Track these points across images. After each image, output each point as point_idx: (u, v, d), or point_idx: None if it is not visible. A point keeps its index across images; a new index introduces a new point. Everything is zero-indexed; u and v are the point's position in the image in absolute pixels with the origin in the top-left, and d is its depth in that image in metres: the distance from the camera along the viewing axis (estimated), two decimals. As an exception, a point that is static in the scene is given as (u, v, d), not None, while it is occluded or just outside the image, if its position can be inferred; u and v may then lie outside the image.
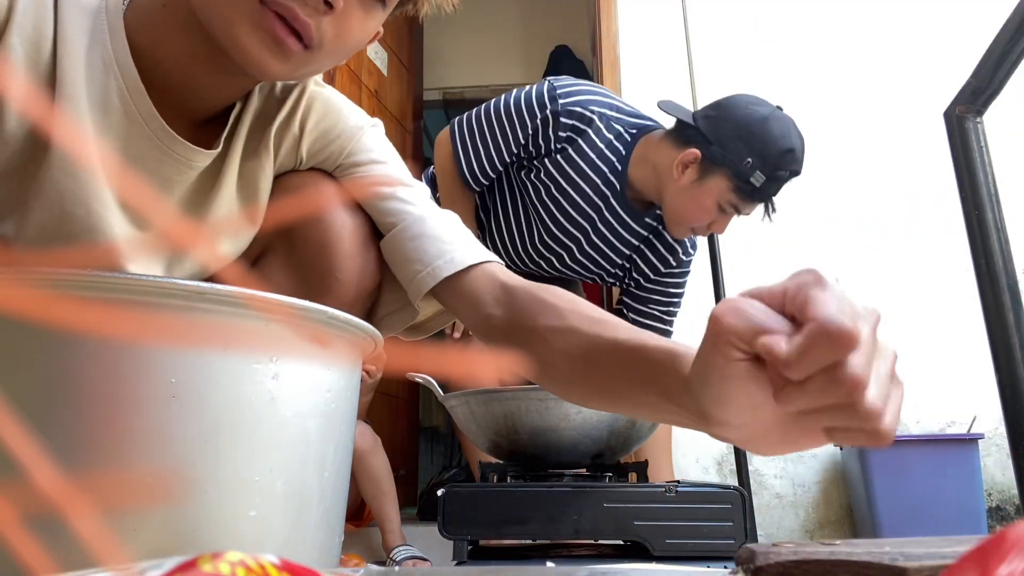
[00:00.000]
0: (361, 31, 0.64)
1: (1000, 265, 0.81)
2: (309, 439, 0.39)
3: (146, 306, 0.34)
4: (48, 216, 0.63)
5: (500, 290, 0.70)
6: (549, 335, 0.63)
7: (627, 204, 1.58)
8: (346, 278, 0.74)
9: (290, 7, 0.57)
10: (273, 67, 0.60)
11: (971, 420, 2.14)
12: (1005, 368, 0.78)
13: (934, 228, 2.36)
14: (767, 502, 2.18)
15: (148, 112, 0.64)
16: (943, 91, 1.01)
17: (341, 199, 0.75)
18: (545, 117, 1.50)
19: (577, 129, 1.51)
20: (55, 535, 0.30)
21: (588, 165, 1.54)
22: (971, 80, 0.85)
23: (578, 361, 0.61)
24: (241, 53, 0.59)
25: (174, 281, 0.35)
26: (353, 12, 0.62)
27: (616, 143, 1.54)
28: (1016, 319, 0.79)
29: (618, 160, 1.54)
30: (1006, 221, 0.83)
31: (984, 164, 0.84)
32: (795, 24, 2.55)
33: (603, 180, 1.56)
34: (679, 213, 1.50)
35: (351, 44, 0.64)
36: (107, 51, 0.62)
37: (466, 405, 1.03)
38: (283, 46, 0.59)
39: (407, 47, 3.28)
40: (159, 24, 0.63)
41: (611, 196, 1.56)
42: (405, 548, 1.80)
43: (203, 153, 0.68)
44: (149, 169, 0.66)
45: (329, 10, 0.59)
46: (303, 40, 0.59)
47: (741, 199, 1.46)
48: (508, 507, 0.91)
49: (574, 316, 0.63)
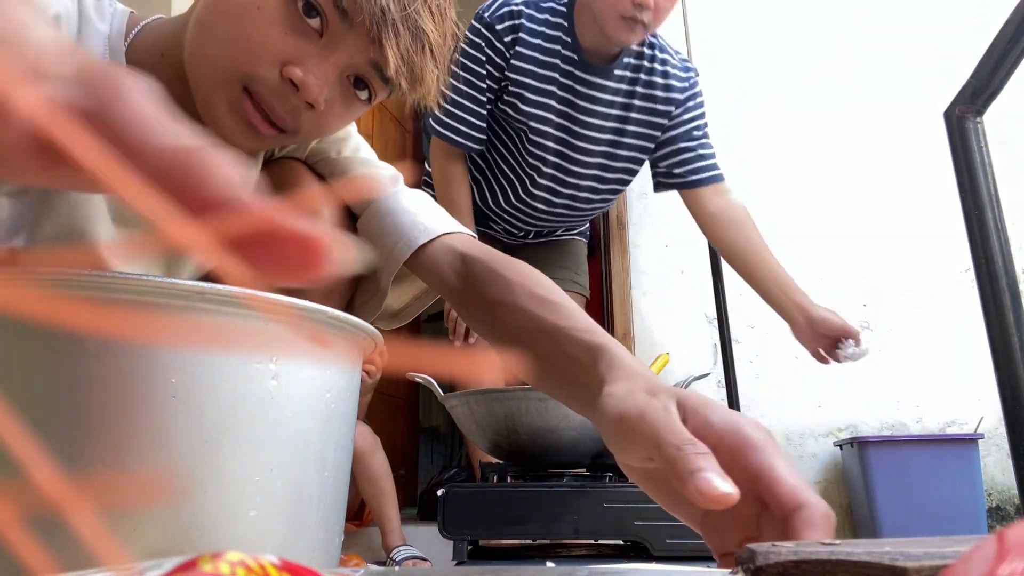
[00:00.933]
0: (340, 122, 0.65)
1: (1000, 265, 0.81)
2: (309, 439, 0.39)
3: (146, 306, 0.34)
4: (58, 231, 0.64)
5: (459, 261, 0.70)
6: (498, 309, 0.63)
7: (592, 68, 1.54)
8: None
9: (270, 103, 0.59)
10: (244, 146, 0.62)
11: (978, 420, 2.15)
12: (1005, 368, 0.78)
13: (934, 228, 2.36)
14: (767, 502, 2.18)
15: None
16: (943, 91, 1.01)
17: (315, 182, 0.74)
18: (487, 40, 1.53)
19: (513, 26, 1.53)
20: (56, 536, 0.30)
21: (539, 50, 1.54)
22: (971, 80, 0.85)
23: (522, 342, 0.60)
24: (216, 127, 0.61)
25: (174, 281, 0.35)
26: (334, 109, 0.63)
27: (553, 18, 1.55)
28: (1016, 319, 0.79)
29: (564, 32, 1.54)
30: (1006, 221, 0.83)
31: (984, 164, 0.84)
32: (795, 24, 2.55)
33: (561, 57, 1.54)
34: (599, 4, 1.44)
35: (328, 132, 0.67)
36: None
37: (466, 405, 1.03)
38: (256, 132, 0.60)
39: (407, 47, 3.27)
40: (156, 73, 0.65)
41: (574, 67, 1.54)
42: (405, 548, 1.80)
43: None
44: None
45: (310, 108, 0.60)
46: (278, 128, 0.61)
47: None
48: (508, 507, 0.91)
49: (522, 292, 0.62)
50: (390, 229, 0.73)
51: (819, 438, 2.22)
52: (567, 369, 0.55)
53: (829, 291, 2.35)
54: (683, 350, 2.25)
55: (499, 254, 0.70)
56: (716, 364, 2.23)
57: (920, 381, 2.25)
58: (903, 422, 2.22)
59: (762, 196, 2.42)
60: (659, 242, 2.43)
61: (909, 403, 2.24)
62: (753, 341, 2.31)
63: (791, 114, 2.49)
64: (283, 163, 0.78)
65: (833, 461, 2.20)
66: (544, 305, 0.60)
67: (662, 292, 1.85)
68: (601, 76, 1.55)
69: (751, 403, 2.23)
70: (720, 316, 1.83)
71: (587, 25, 1.51)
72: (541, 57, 1.53)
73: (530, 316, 0.60)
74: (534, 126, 1.57)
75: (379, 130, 2.88)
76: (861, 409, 2.24)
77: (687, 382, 1.09)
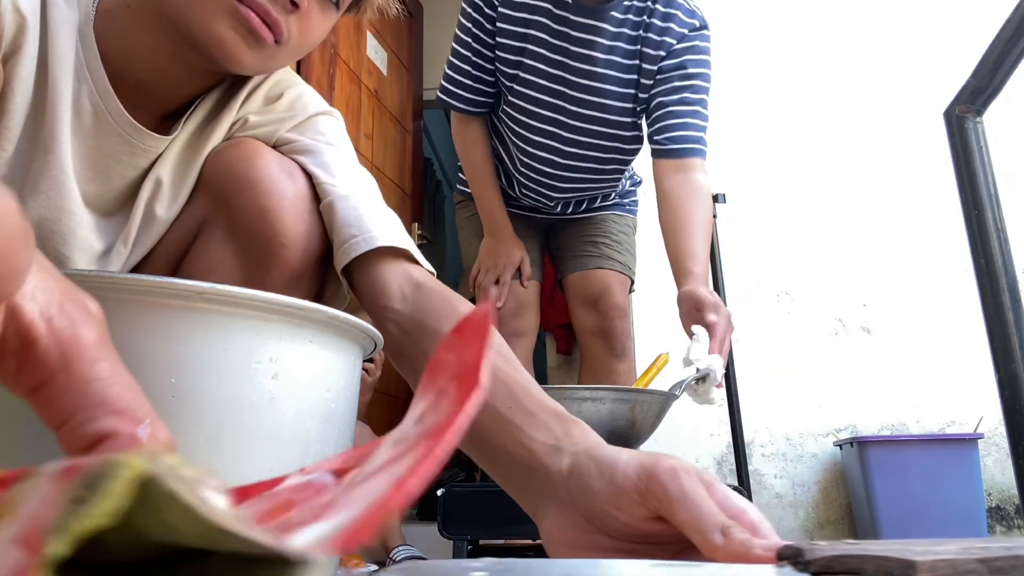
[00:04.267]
0: (319, 30, 0.71)
1: (1000, 265, 0.81)
2: (309, 439, 0.39)
3: (146, 306, 0.34)
4: (44, 212, 0.67)
5: (410, 285, 0.67)
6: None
7: (587, 10, 1.45)
8: (292, 243, 0.70)
9: (263, 5, 0.64)
10: (247, 58, 0.66)
11: (978, 420, 2.15)
12: (1005, 368, 0.78)
13: (934, 228, 2.36)
14: (767, 502, 2.18)
15: (115, 110, 0.68)
16: (943, 91, 1.01)
17: (279, 162, 0.72)
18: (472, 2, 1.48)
19: None
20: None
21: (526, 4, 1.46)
22: (971, 80, 0.85)
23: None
24: (218, 46, 0.64)
25: (174, 281, 0.35)
26: (313, 11, 0.69)
27: None
28: (1016, 319, 0.79)
29: None
30: (1006, 221, 0.83)
31: (984, 164, 0.84)
32: (795, 24, 2.55)
33: (553, 2, 1.45)
34: None
35: (310, 41, 0.71)
36: (80, 59, 0.67)
37: (466, 405, 1.03)
38: (258, 37, 0.65)
39: (407, 47, 3.27)
40: (126, 27, 0.68)
41: (567, 12, 1.45)
42: (405, 548, 1.80)
43: (161, 140, 0.72)
44: (123, 163, 0.71)
45: (295, 9, 0.66)
46: (275, 34, 0.66)
47: None
48: (508, 507, 0.91)
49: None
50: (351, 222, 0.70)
51: (819, 438, 2.22)
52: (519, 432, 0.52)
53: (829, 291, 2.35)
54: (683, 350, 2.25)
55: (448, 290, 0.67)
56: (716, 364, 2.23)
57: (920, 381, 2.25)
58: (903, 422, 2.22)
59: (762, 196, 2.42)
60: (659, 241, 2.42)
61: (909, 403, 2.24)
62: (753, 341, 2.31)
63: (791, 114, 2.49)
64: (242, 142, 0.74)
65: (833, 461, 2.20)
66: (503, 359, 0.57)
67: (662, 292, 1.85)
68: (598, 18, 1.45)
69: (751, 403, 2.23)
70: (720, 316, 1.83)
71: None
72: (530, 2, 1.46)
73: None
74: (525, 77, 1.50)
75: (379, 130, 2.88)
76: (861, 409, 2.24)
77: (687, 382, 1.09)
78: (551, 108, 1.52)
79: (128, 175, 0.72)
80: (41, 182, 0.66)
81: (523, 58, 1.49)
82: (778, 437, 2.24)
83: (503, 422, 0.52)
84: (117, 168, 0.71)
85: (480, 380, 0.20)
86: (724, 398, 1.80)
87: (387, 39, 3.05)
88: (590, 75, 1.49)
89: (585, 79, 1.49)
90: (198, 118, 0.75)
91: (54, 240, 0.68)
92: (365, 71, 2.79)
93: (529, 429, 0.52)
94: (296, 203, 0.71)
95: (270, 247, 0.70)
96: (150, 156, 0.72)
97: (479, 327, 0.22)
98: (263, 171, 0.70)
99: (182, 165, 0.75)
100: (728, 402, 1.77)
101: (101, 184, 0.71)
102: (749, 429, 2.19)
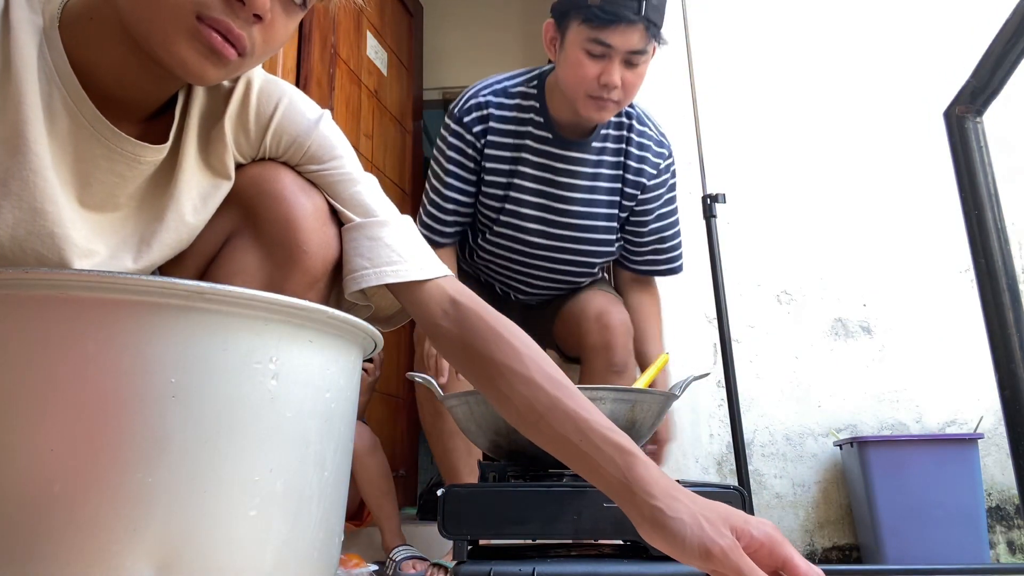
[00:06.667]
0: (284, 32, 0.71)
1: (1000, 265, 0.81)
2: (309, 439, 0.39)
3: (146, 306, 0.34)
4: (19, 215, 0.67)
5: (449, 304, 0.76)
6: (510, 375, 0.70)
7: (567, 143, 1.58)
8: (312, 250, 0.78)
9: (224, 21, 0.64)
10: (211, 74, 0.66)
11: (978, 420, 2.15)
12: (1005, 368, 0.78)
13: (934, 228, 2.36)
14: (767, 502, 2.18)
15: (93, 116, 0.69)
16: (943, 91, 1.01)
17: (299, 183, 0.81)
18: (458, 134, 1.58)
19: (481, 117, 1.57)
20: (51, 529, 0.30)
21: (511, 135, 1.58)
22: (971, 80, 0.85)
23: (536, 414, 0.68)
24: (180, 65, 0.65)
25: (174, 281, 0.35)
26: (278, 19, 0.69)
27: (524, 102, 1.58)
28: (1016, 319, 0.79)
29: (536, 113, 1.57)
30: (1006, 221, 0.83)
31: (984, 164, 0.84)
32: (796, 24, 2.55)
33: (533, 138, 1.57)
34: (567, 85, 1.48)
35: (276, 46, 0.71)
36: (48, 64, 0.67)
37: (466, 405, 1.03)
38: (221, 56, 0.65)
39: (407, 47, 3.27)
40: (90, 37, 0.68)
41: (550, 145, 1.58)
42: (405, 548, 1.80)
43: (151, 148, 0.73)
44: (103, 168, 0.71)
45: (259, 21, 0.66)
46: (237, 49, 0.66)
47: (596, 29, 1.41)
48: (508, 507, 0.91)
49: (535, 368, 0.70)
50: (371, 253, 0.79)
51: (819, 438, 2.22)
52: (592, 460, 0.64)
53: (829, 291, 2.35)
54: (683, 350, 2.25)
55: (486, 305, 0.76)
56: (716, 364, 2.23)
57: (920, 381, 2.25)
58: (903, 422, 2.22)
59: (762, 196, 2.42)
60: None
61: (909, 403, 2.24)
62: (753, 341, 2.31)
63: (791, 114, 2.49)
64: (265, 163, 0.82)
65: (833, 461, 2.20)
66: (560, 389, 0.68)
67: (661, 292, 1.85)
68: (579, 150, 1.59)
69: (751, 403, 2.23)
70: (720, 316, 1.83)
71: (559, 104, 1.56)
72: (514, 141, 1.58)
73: (548, 395, 0.68)
74: (512, 209, 1.61)
75: (379, 130, 2.88)
76: (861, 409, 2.24)
77: (687, 382, 1.09)
78: (537, 234, 1.63)
79: (111, 182, 0.73)
80: (11, 183, 0.66)
81: (510, 191, 1.60)
82: (778, 437, 2.24)
83: (580, 455, 0.65)
84: (98, 174, 0.71)
85: None
86: (724, 398, 1.80)
87: (387, 39, 3.04)
88: (575, 202, 1.61)
89: (571, 206, 1.61)
90: (193, 129, 0.77)
91: (32, 241, 0.68)
92: (365, 71, 2.79)
93: (600, 462, 0.64)
94: (316, 215, 0.80)
95: (294, 254, 0.78)
96: (131, 163, 0.73)
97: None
98: (286, 186, 0.79)
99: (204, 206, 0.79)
100: (728, 402, 1.77)
101: (81, 188, 0.71)
102: (749, 429, 2.19)
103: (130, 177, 0.73)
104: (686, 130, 2.07)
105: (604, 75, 1.42)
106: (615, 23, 1.39)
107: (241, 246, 0.81)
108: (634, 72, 1.45)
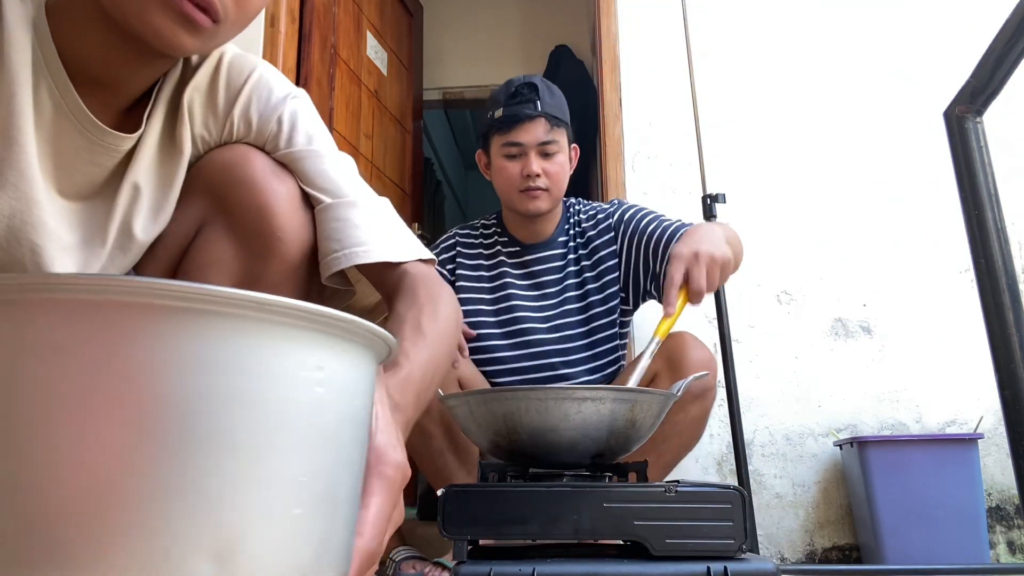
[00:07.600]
0: (258, 3, 0.70)
1: (1000, 265, 0.81)
2: (343, 442, 0.42)
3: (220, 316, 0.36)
4: (15, 204, 0.68)
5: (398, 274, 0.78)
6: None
7: (535, 247, 1.73)
8: (289, 237, 0.76)
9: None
10: (187, 43, 0.66)
11: (978, 420, 2.15)
12: (1005, 368, 0.78)
13: (934, 228, 2.36)
14: (767, 502, 2.18)
15: (75, 106, 0.69)
16: (943, 91, 1.01)
17: (271, 166, 0.78)
18: (439, 272, 1.69)
19: (451, 256, 1.75)
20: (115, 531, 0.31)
21: (480, 257, 1.74)
22: (971, 80, 0.85)
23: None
24: (155, 35, 0.64)
25: (246, 294, 0.37)
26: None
27: (486, 229, 1.79)
28: (1016, 319, 0.79)
29: (499, 234, 1.76)
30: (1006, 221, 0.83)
31: (984, 164, 0.84)
32: (795, 24, 2.55)
33: (506, 253, 1.73)
34: (502, 192, 1.68)
35: (252, 13, 0.71)
36: (36, 53, 0.67)
37: (465, 405, 1.03)
38: (194, 22, 0.65)
39: (407, 47, 3.27)
40: (74, 23, 0.68)
41: (518, 257, 1.73)
42: (404, 548, 1.80)
43: (127, 138, 0.73)
44: (83, 159, 0.71)
45: None
46: (211, 15, 0.65)
47: (505, 134, 1.63)
48: (508, 507, 0.91)
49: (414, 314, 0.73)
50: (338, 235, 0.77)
51: (819, 438, 2.22)
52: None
53: (829, 291, 2.35)
54: (683, 350, 2.25)
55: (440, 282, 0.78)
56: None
57: (920, 381, 2.25)
58: (903, 422, 2.22)
59: (762, 196, 2.42)
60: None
61: (909, 403, 2.24)
62: (753, 341, 2.31)
63: (791, 114, 2.49)
64: (235, 147, 0.79)
65: (833, 461, 2.20)
66: (416, 332, 0.71)
67: (662, 292, 1.85)
68: (546, 249, 1.73)
69: (751, 403, 2.23)
70: (720, 316, 1.83)
71: (512, 220, 1.74)
72: (484, 262, 1.74)
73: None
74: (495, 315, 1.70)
75: (379, 130, 2.88)
76: (861, 409, 2.24)
77: (687, 382, 1.09)
78: (528, 331, 1.71)
79: (91, 172, 0.72)
80: (8, 173, 0.66)
81: (506, 290, 1.71)
82: (778, 437, 2.24)
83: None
84: (78, 164, 0.71)
85: None
86: (724, 398, 1.80)
87: (387, 39, 3.04)
88: (557, 295, 1.72)
89: (552, 299, 1.72)
90: (160, 114, 0.76)
91: (26, 230, 0.68)
92: (365, 71, 2.79)
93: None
94: (290, 200, 0.77)
95: (270, 243, 0.75)
96: (111, 153, 0.72)
97: None
98: (258, 172, 0.76)
99: (162, 176, 0.77)
100: (728, 402, 1.77)
101: (64, 179, 0.71)
102: (749, 429, 2.19)
103: (108, 166, 0.73)
104: (686, 130, 2.07)
105: (524, 168, 1.63)
106: (519, 122, 1.62)
107: (214, 236, 0.77)
108: (551, 161, 1.64)
